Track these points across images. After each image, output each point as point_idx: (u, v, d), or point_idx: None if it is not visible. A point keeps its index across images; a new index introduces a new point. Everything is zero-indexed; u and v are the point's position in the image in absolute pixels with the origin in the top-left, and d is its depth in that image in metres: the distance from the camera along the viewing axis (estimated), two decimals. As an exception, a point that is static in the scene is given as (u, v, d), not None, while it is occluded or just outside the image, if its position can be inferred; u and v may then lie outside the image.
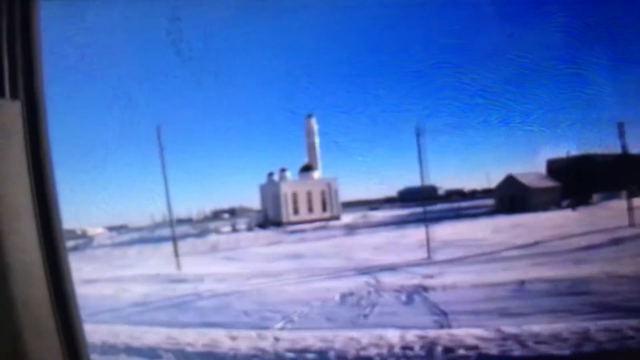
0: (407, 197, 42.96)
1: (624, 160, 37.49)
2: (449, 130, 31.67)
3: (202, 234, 34.25)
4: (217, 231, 34.42)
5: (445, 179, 44.61)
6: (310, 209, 35.81)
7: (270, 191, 35.93)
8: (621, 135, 30.36)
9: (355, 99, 32.17)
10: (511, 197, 33.98)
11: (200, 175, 38.41)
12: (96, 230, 37.75)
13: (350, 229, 30.74)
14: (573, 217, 26.94)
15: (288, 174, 36.68)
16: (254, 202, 40.43)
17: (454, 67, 22.57)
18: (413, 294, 12.50)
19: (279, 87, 33.79)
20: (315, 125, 36.35)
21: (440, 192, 53.73)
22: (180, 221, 37.40)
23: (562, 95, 25.80)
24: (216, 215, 41.83)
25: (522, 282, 12.47)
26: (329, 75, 30.62)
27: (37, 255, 1.77)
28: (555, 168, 41.49)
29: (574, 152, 33.15)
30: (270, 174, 36.59)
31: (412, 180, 35.46)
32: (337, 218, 35.64)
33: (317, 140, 36.28)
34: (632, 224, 21.86)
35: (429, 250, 19.12)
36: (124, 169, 31.28)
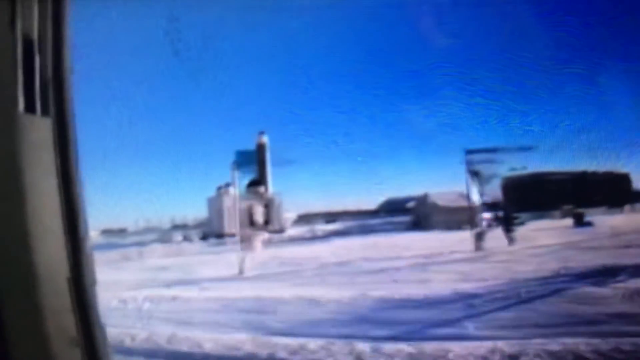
0: (391, 208, 43.79)
1: (577, 179, 40.47)
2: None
3: (145, 243, 33.30)
4: (163, 240, 33.75)
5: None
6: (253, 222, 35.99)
7: (215, 204, 35.87)
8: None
9: (354, 99, 31.62)
10: (425, 215, 35.66)
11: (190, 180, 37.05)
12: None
13: (282, 242, 31.28)
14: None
15: (231, 189, 36.78)
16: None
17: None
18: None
19: (278, 87, 33.06)
20: (266, 141, 36.60)
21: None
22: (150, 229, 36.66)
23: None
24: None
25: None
26: (327, 75, 30.24)
27: (64, 269, 1.80)
28: (507, 185, 43.94)
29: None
30: (219, 187, 36.68)
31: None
32: (281, 231, 36.07)
33: (267, 156, 36.60)
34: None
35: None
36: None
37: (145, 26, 20.63)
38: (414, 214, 36.61)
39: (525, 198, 41.40)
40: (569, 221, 33.59)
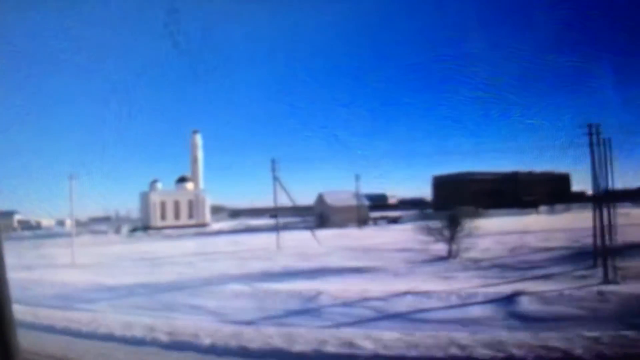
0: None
1: (504, 179, 40.98)
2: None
3: (79, 233, 36.40)
4: (93, 231, 37.02)
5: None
6: (177, 216, 38.91)
7: (144, 199, 38.97)
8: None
9: (355, 92, 31.05)
10: (320, 214, 36.96)
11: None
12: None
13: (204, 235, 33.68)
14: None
15: (159, 185, 39.83)
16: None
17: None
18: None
19: (277, 81, 32.99)
20: (199, 140, 39.38)
21: (392, 200, 56.67)
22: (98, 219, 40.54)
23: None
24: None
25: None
26: (328, 68, 29.76)
27: None
28: (436, 183, 44.88)
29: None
30: (153, 182, 39.80)
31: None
32: (204, 225, 38.82)
33: (200, 154, 39.39)
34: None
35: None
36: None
37: (145, 18, 22.19)
38: (315, 213, 38.29)
39: (450, 196, 42.19)
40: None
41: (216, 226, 38.09)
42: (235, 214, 48.73)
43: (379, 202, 47.61)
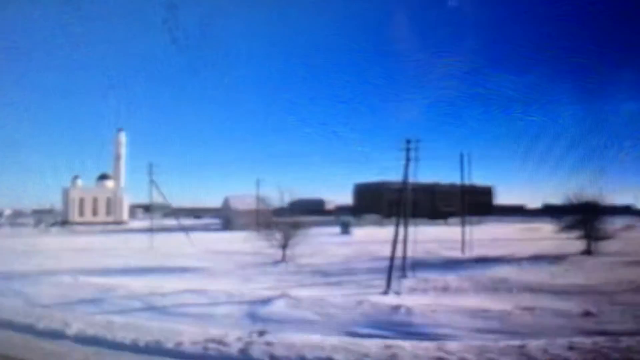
0: (296, 207, 46.32)
1: (422, 190, 41.94)
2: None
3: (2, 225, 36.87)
4: (14, 224, 37.57)
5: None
6: (95, 213, 39.50)
7: (65, 194, 39.53)
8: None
9: (355, 89, 31.29)
10: (225, 217, 37.68)
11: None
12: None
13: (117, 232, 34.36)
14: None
15: (79, 181, 40.39)
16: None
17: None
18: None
19: (277, 77, 33.16)
20: (123, 138, 39.87)
21: (330, 206, 57.22)
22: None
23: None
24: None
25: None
26: (327, 65, 30.41)
27: None
28: (356, 191, 45.75)
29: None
30: (74, 178, 40.43)
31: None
32: (121, 222, 39.44)
33: (123, 152, 39.89)
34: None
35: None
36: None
37: (143, 14, 22.24)
38: (221, 216, 38.95)
39: (367, 203, 43.21)
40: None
41: (134, 224, 38.64)
42: (174, 213, 49.18)
43: (314, 207, 48.24)
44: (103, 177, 40.43)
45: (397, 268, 17.23)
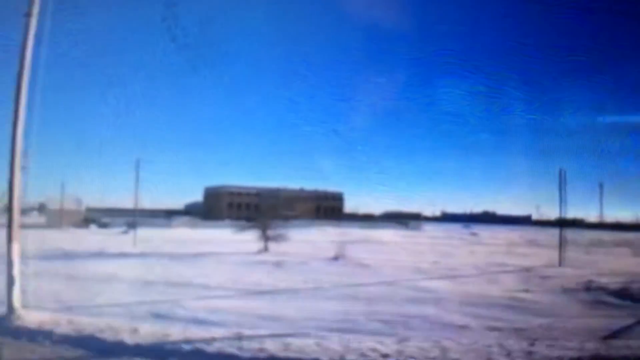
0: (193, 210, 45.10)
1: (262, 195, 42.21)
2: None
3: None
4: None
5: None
6: None
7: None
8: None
9: (355, 87, 30.45)
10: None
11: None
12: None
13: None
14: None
15: None
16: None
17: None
18: None
19: (276, 75, 31.95)
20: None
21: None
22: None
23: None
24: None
25: None
26: (327, 62, 28.64)
27: None
28: (205, 194, 45.60)
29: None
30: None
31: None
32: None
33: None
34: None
35: None
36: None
37: (143, 12, 20.95)
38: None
39: (211, 206, 43.26)
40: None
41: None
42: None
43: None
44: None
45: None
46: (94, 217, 37.92)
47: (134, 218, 27.80)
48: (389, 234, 34.07)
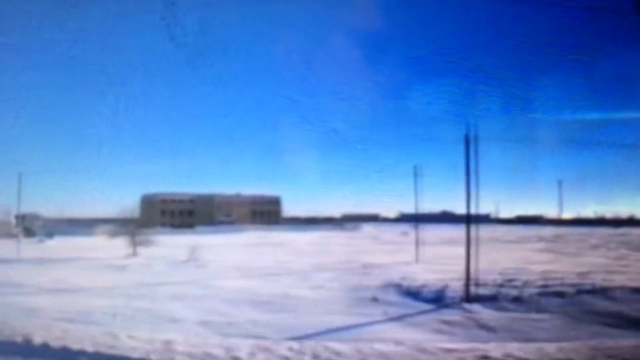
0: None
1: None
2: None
3: None
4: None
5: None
6: None
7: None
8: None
9: (354, 86, 30.77)
10: None
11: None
12: None
13: None
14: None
15: None
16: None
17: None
18: None
19: (276, 74, 32.17)
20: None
21: None
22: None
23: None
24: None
25: None
26: (327, 61, 28.90)
27: None
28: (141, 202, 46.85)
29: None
30: None
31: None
32: None
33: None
34: None
35: None
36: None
37: (141, 10, 21.39)
38: None
39: (146, 213, 44.42)
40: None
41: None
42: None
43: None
44: None
45: None
46: (30, 227, 39.04)
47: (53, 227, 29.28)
48: (308, 237, 35.28)
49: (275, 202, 44.31)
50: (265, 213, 43.73)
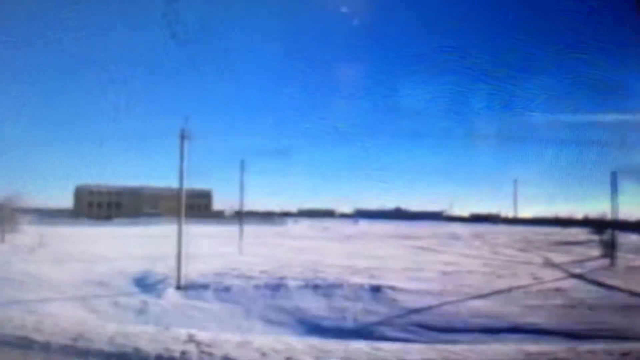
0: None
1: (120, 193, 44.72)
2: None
3: None
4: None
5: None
6: None
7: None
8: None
9: (356, 84, 29.78)
10: None
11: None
12: None
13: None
14: None
15: None
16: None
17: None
18: None
19: (277, 71, 31.54)
20: None
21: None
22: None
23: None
24: None
25: None
26: (327, 59, 28.40)
27: None
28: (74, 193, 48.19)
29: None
30: None
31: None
32: None
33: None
34: None
35: None
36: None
37: (143, 8, 21.75)
38: None
39: (77, 205, 45.81)
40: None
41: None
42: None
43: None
44: None
45: None
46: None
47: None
48: (220, 230, 36.36)
49: (205, 195, 45.60)
50: (195, 206, 44.94)
